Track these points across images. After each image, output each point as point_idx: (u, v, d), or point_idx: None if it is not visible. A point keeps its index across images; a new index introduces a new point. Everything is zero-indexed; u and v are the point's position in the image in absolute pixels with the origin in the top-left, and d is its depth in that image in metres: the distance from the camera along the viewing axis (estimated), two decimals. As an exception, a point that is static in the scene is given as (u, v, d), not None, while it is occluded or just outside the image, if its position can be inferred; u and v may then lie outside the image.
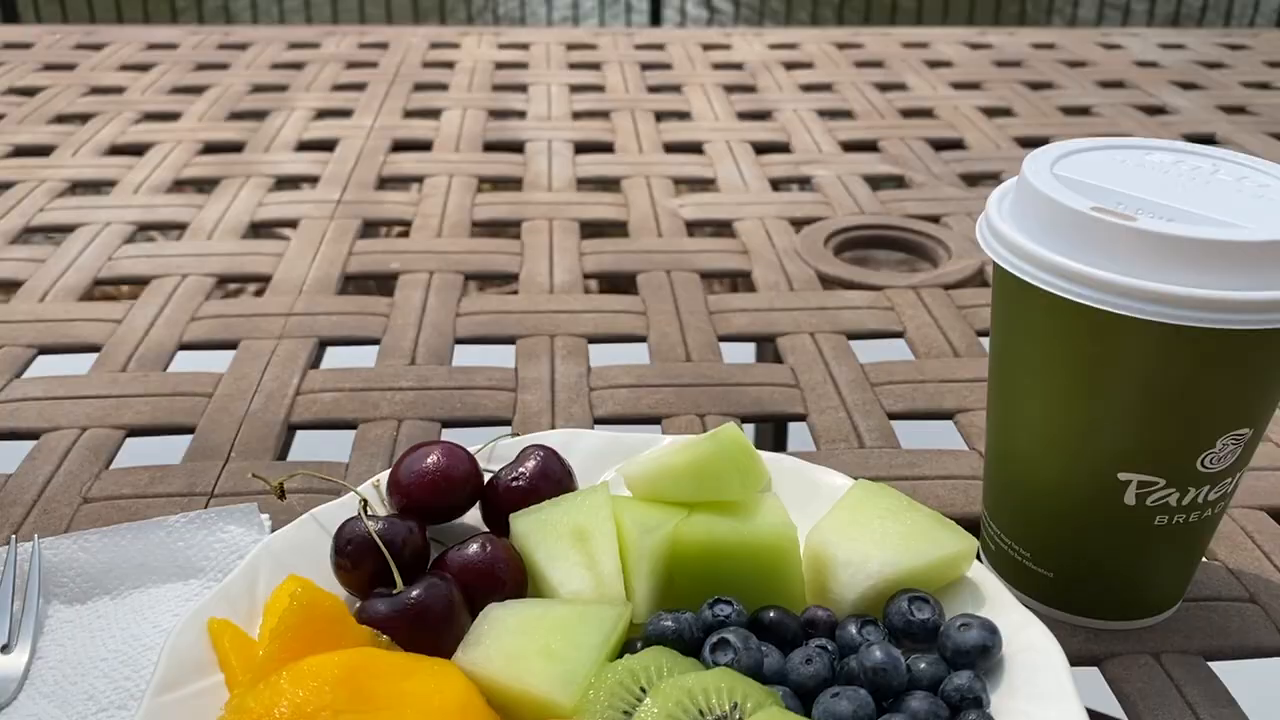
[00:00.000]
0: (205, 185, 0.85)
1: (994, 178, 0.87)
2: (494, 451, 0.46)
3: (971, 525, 0.47)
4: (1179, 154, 0.42)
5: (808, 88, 1.10)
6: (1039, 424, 0.40)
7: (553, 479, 0.42)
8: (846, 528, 0.40)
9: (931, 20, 4.26)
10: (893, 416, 0.56)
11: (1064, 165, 0.40)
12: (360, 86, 1.07)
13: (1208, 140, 0.95)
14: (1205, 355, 0.35)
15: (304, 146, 0.92)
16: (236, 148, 0.92)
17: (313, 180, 0.85)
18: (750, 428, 0.65)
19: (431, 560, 0.40)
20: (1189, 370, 0.36)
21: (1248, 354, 0.36)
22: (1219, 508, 0.40)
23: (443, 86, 1.08)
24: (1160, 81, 1.11)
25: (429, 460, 0.42)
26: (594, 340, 0.63)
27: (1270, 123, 0.99)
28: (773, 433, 0.85)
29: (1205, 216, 0.36)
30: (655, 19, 4.01)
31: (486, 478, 0.43)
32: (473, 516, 0.43)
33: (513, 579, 0.39)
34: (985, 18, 4.40)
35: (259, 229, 0.78)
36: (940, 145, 0.94)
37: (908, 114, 1.02)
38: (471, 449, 0.45)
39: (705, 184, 0.87)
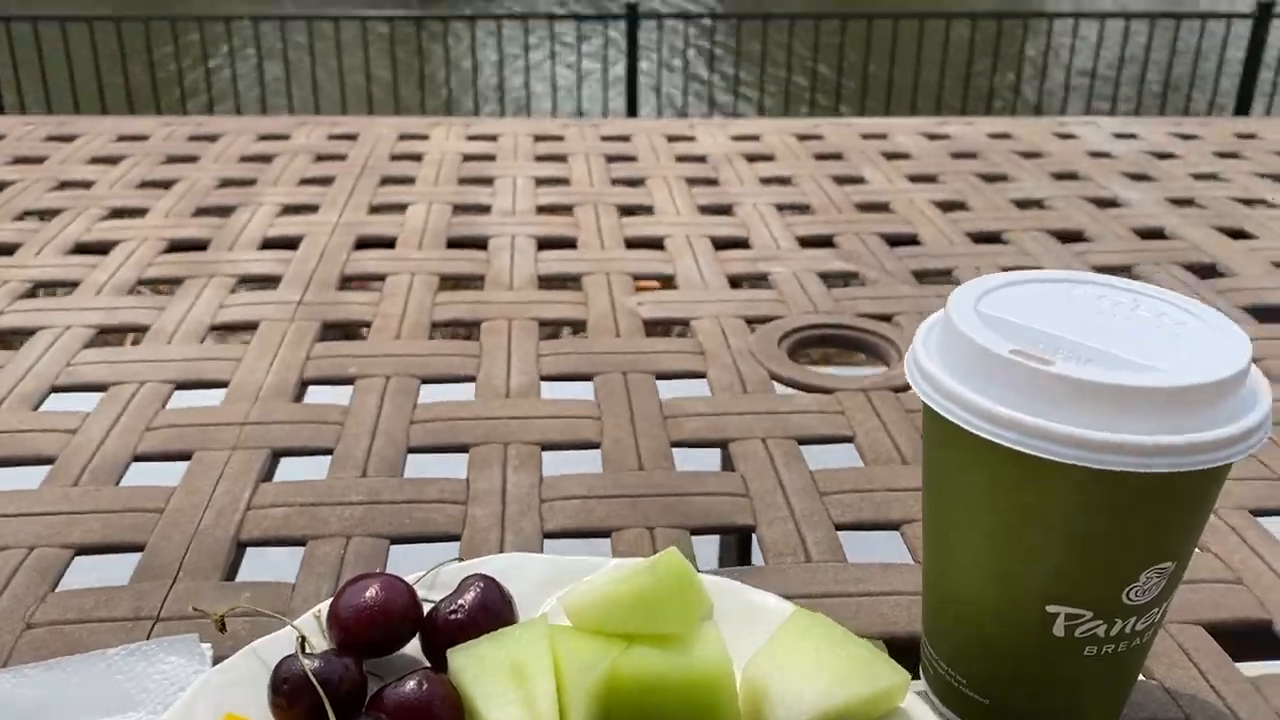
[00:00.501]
0: (168, 285, 0.86)
1: (946, 274, 0.89)
2: (437, 579, 0.46)
3: (914, 644, 0.47)
4: (1101, 288, 0.43)
5: (768, 180, 1.12)
6: (969, 555, 0.41)
7: (492, 611, 0.42)
8: (782, 661, 0.40)
9: (951, 107, 4.36)
10: (840, 528, 0.56)
11: (989, 301, 0.41)
12: (327, 180, 1.09)
13: (1157, 234, 0.98)
14: (1124, 496, 0.36)
15: (268, 244, 0.93)
16: (201, 245, 0.93)
17: (275, 280, 0.86)
18: (716, 538, 0.65)
19: (369, 697, 0.40)
20: (1109, 510, 0.37)
21: (1165, 494, 0.37)
22: (1147, 636, 0.41)
23: (409, 180, 1.10)
24: (1112, 173, 1.14)
25: (368, 594, 0.42)
26: (547, 447, 0.63)
27: (1215, 216, 1.02)
28: (736, 541, 0.86)
29: (1123, 358, 0.37)
30: (632, 111, 4.10)
31: (426, 608, 0.43)
32: (414, 647, 0.43)
33: (450, 717, 0.39)
34: (953, 108, 4.52)
35: (219, 331, 0.78)
36: (895, 241, 0.96)
37: (864, 208, 1.04)
38: (414, 576, 0.45)
39: (665, 280, 0.88)
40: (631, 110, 4.63)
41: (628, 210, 1.04)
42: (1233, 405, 0.37)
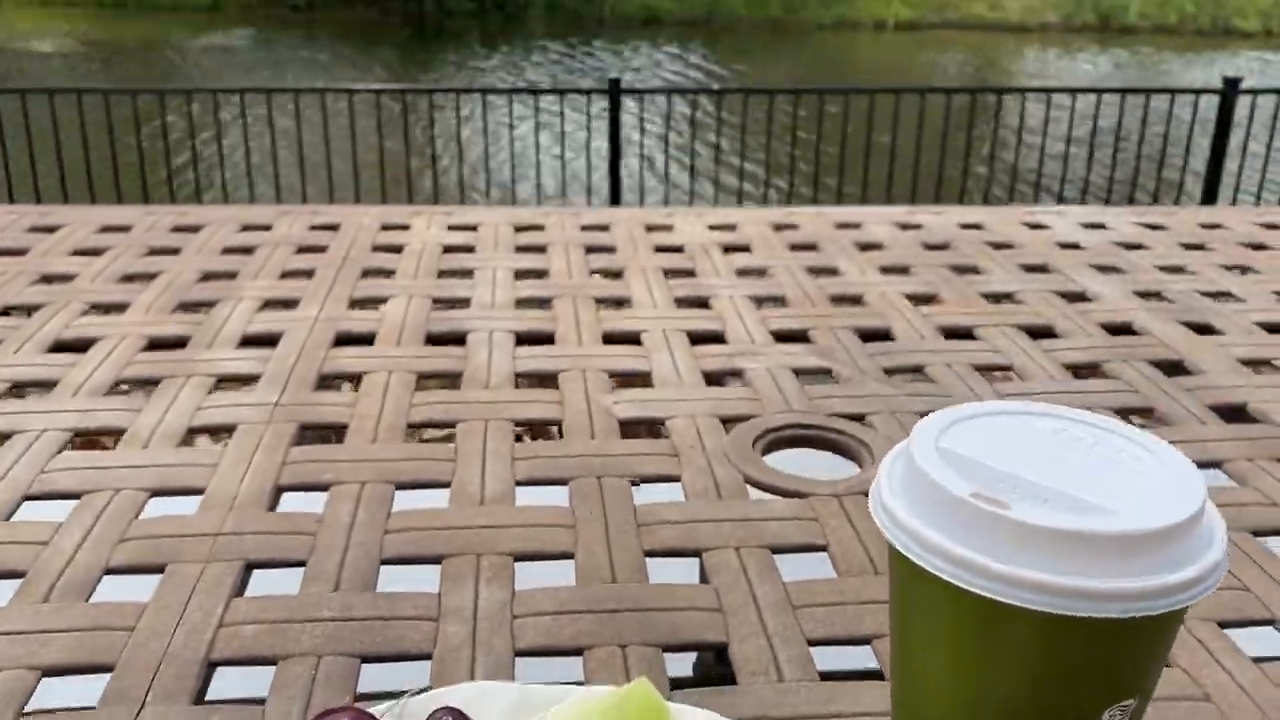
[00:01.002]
0: (147, 384, 0.86)
1: (918, 370, 0.90)
2: (405, 709, 0.46)
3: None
4: (1061, 422, 0.44)
5: (744, 272, 1.14)
6: (933, 683, 0.41)
7: (460, 748, 0.42)
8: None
9: (926, 193, 4.44)
10: (812, 643, 0.56)
11: (950, 436, 0.42)
12: (308, 273, 1.10)
13: (1125, 329, 1.00)
14: (1084, 639, 0.37)
15: (247, 341, 0.94)
16: (180, 343, 0.93)
17: (253, 379, 0.86)
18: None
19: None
20: (1069, 651, 0.37)
21: (1124, 636, 0.37)
22: (1114, 771, 0.41)
23: (389, 272, 1.11)
24: (1081, 265, 1.17)
25: (335, 732, 0.42)
26: (521, 558, 0.63)
27: (1182, 310, 1.04)
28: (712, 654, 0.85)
29: (1080, 499, 0.38)
30: (614, 180, 4.16)
31: (395, 743, 0.43)
32: (381, 783, 0.43)
33: None
34: (927, 188, 4.60)
35: (196, 434, 0.79)
36: (868, 335, 0.97)
37: (838, 300, 1.06)
38: (382, 708, 0.45)
39: (641, 377, 0.89)
40: (614, 179, 4.70)
41: (606, 302, 1.05)
42: (1189, 546, 0.38)
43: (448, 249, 1.19)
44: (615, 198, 4.73)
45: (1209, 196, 4.63)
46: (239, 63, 12.65)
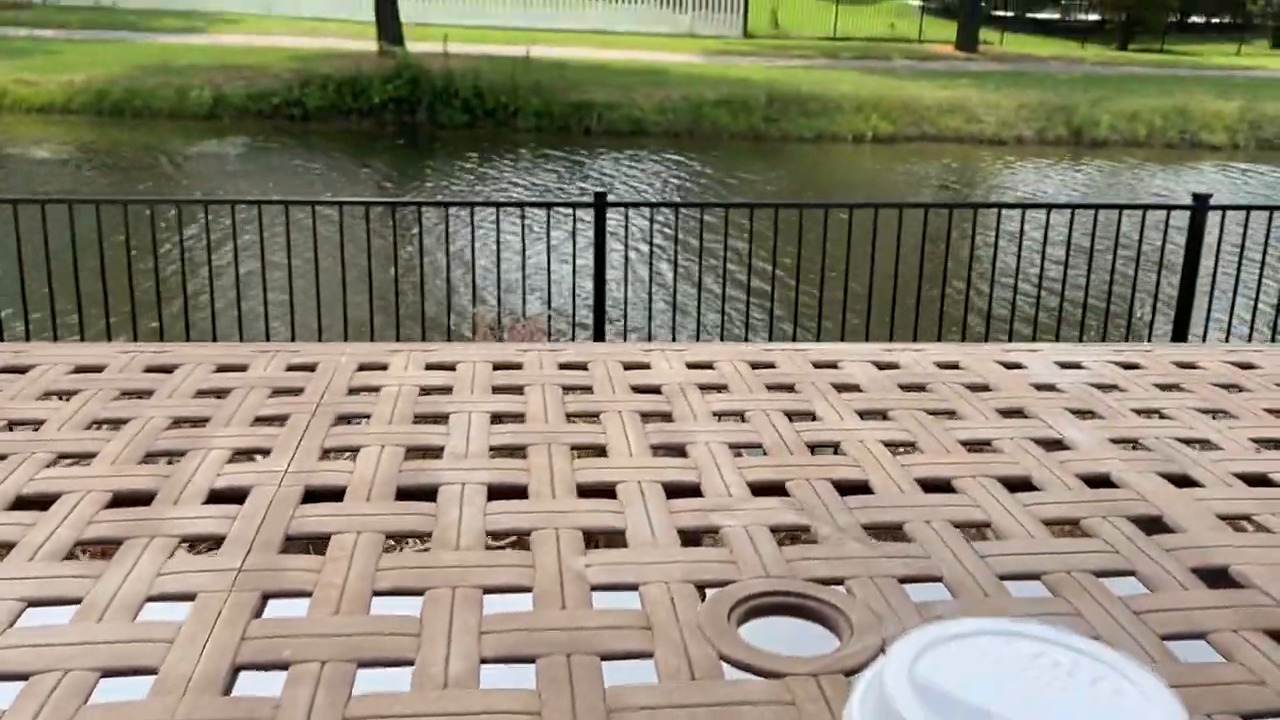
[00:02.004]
0: (109, 546, 0.84)
1: (897, 528, 0.89)
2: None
3: None
4: (1041, 644, 0.43)
5: (721, 415, 1.13)
6: None
7: None
8: None
9: (905, 327, 4.51)
10: None
11: (925, 663, 0.41)
12: (281, 419, 1.09)
13: (1103, 480, 0.99)
14: None
15: (215, 497, 0.92)
16: (146, 499, 0.91)
17: (218, 540, 0.84)
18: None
19: None
20: None
21: None
22: None
23: (364, 417, 1.10)
24: (1058, 409, 1.17)
25: None
26: (485, 752, 0.61)
27: (1161, 460, 1.04)
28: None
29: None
30: (599, 288, 4.21)
31: None
32: None
33: None
34: (907, 319, 4.66)
35: (155, 602, 0.76)
36: (846, 488, 0.96)
37: (816, 448, 1.06)
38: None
39: (616, 536, 0.87)
40: (599, 289, 4.74)
41: (582, 449, 1.04)
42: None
43: (425, 390, 1.18)
44: (600, 304, 4.77)
45: (1185, 301, 4.69)
46: (232, 170, 12.87)
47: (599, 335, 4.61)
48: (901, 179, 13.51)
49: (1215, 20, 28.59)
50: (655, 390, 1.21)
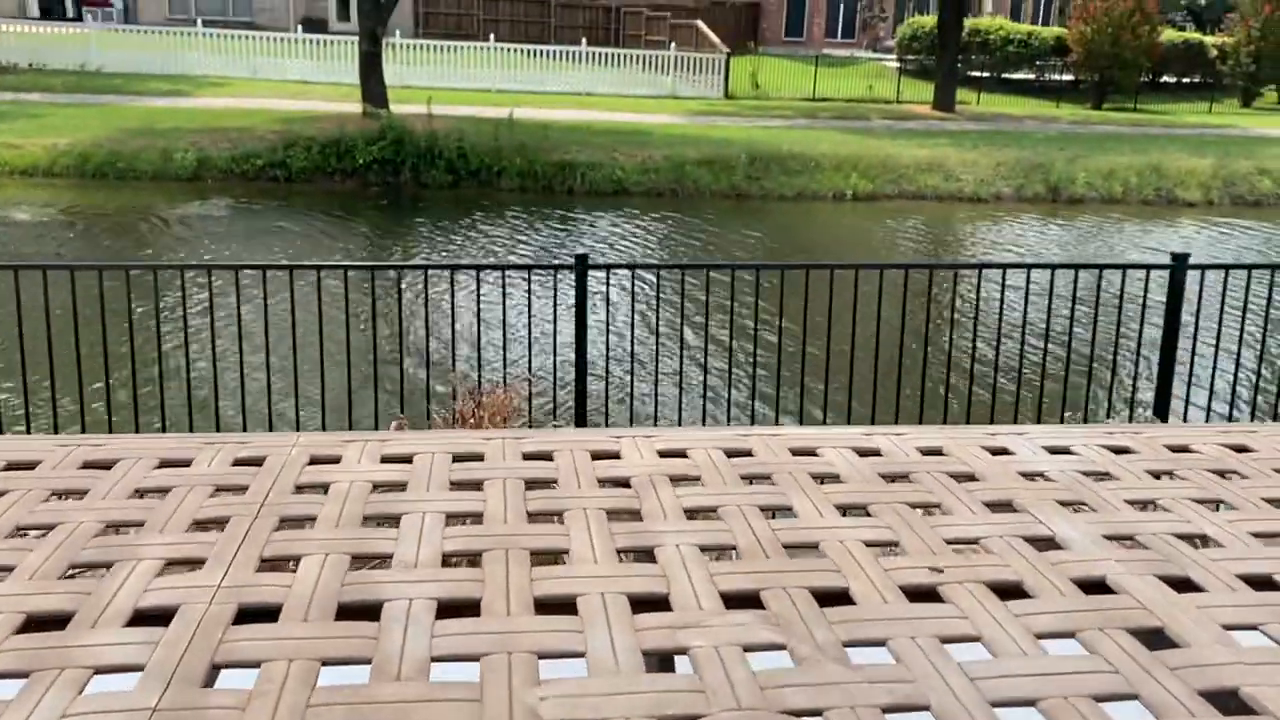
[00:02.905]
0: (13, 679, 0.76)
1: (880, 644, 0.82)
2: None
3: None
4: None
5: (692, 513, 1.07)
6: None
7: None
8: None
9: (888, 392, 4.46)
10: None
11: None
12: (221, 523, 1.02)
13: (1099, 585, 0.93)
14: None
15: (138, 619, 0.84)
16: (61, 621, 0.84)
17: (136, 670, 0.77)
18: None
19: None
20: None
21: None
22: None
23: (309, 520, 1.03)
24: (1048, 501, 1.11)
25: None
26: None
27: (1160, 560, 0.98)
28: None
29: None
30: (580, 402, 4.15)
31: None
32: None
33: None
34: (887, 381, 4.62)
35: (56, 750, 0.69)
36: (825, 598, 0.90)
37: (793, 549, 0.99)
38: None
39: (573, 657, 0.80)
40: (580, 353, 4.68)
41: (542, 555, 0.97)
42: None
43: (378, 486, 1.11)
44: (581, 369, 4.71)
45: (1166, 369, 4.67)
46: (213, 232, 12.85)
47: (580, 403, 4.55)
48: (883, 234, 13.60)
49: (1186, 80, 29.20)
50: (624, 483, 1.14)
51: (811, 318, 4.56)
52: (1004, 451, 1.25)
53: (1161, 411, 4.62)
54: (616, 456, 1.21)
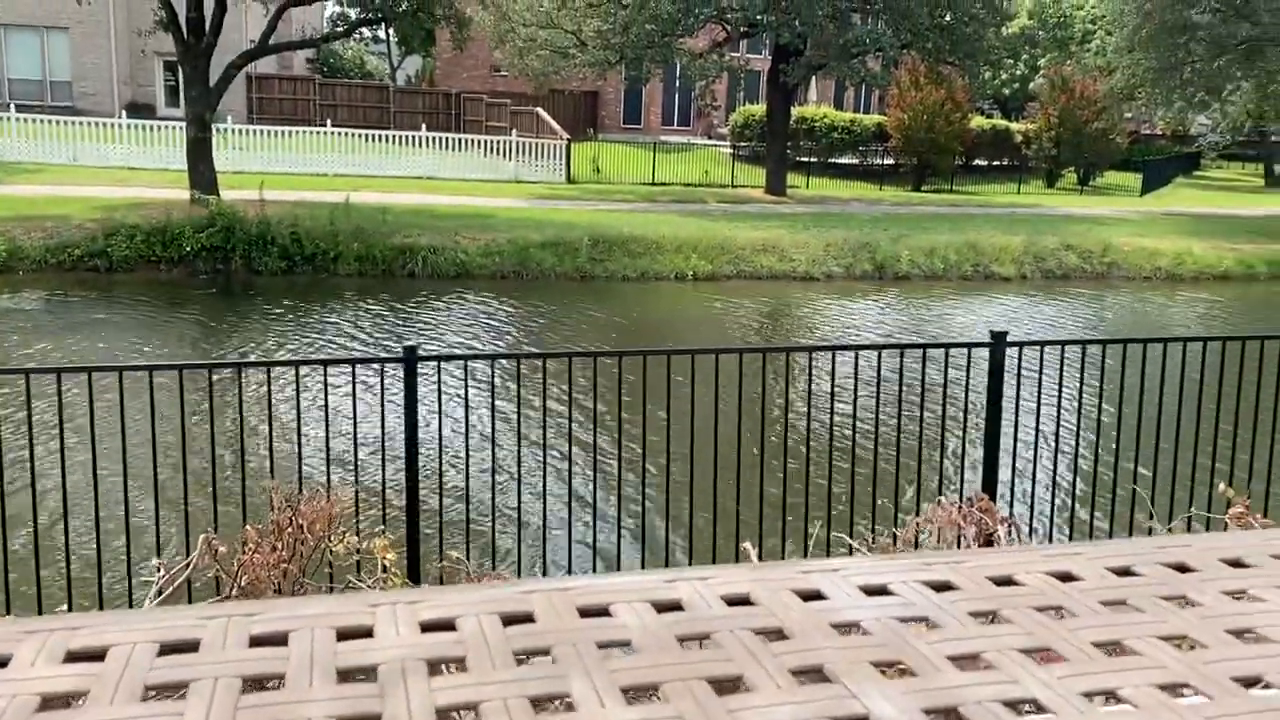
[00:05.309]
0: None
1: None
2: None
3: None
4: None
5: (445, 713, 0.88)
6: None
7: None
8: None
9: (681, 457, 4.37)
10: None
11: None
12: None
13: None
14: None
15: None
16: None
17: None
18: None
19: None
20: None
21: None
22: None
23: (-68, 766, 0.79)
24: (861, 664, 0.96)
25: None
26: None
27: (983, 740, 0.85)
28: None
29: None
30: (412, 513, 3.91)
31: None
32: None
33: None
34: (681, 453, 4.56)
35: None
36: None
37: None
38: None
39: None
40: (411, 458, 4.43)
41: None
42: None
43: (48, 703, 0.87)
44: (413, 474, 4.45)
45: (991, 448, 4.77)
46: (21, 327, 11.93)
47: (412, 514, 4.27)
48: (723, 313, 13.84)
49: (996, 163, 31.51)
50: (368, 672, 0.94)
51: (650, 408, 4.45)
52: (817, 596, 1.12)
53: (990, 488, 4.70)
54: (368, 635, 1.01)
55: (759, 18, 20.72)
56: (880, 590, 1.14)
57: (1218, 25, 22.32)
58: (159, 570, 4.06)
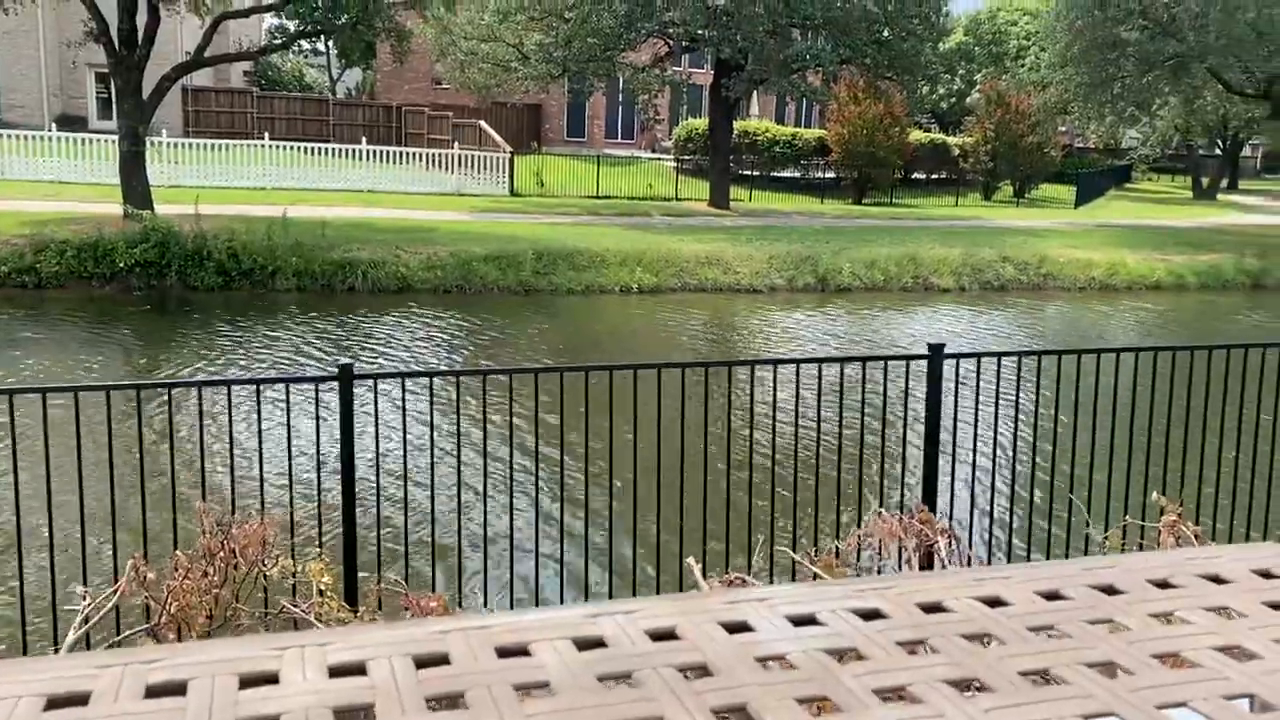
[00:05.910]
0: None
1: None
2: None
3: None
4: None
5: (352, 766, 0.83)
6: None
7: None
8: None
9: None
10: None
11: None
12: None
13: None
14: None
15: None
16: None
17: None
18: None
19: None
20: None
21: None
22: None
23: None
24: (786, 702, 0.94)
25: None
26: None
27: (908, 781, 0.82)
28: None
29: None
30: (349, 535, 3.82)
31: None
32: None
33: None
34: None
35: None
36: None
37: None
38: None
39: None
40: (348, 480, 4.33)
41: None
42: None
43: (-84, 767, 0.81)
44: (350, 497, 4.35)
45: (931, 462, 4.80)
46: (-62, 347, 11.53)
47: (349, 537, 4.17)
48: (668, 325, 13.84)
49: (935, 176, 32.03)
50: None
51: (599, 422, 4.41)
52: (744, 628, 1.09)
53: (930, 499, 4.74)
54: (273, 681, 0.96)
55: (700, 33, 20.86)
56: (808, 620, 1.12)
57: (1146, 42, 22.96)
58: (84, 599, 3.91)
